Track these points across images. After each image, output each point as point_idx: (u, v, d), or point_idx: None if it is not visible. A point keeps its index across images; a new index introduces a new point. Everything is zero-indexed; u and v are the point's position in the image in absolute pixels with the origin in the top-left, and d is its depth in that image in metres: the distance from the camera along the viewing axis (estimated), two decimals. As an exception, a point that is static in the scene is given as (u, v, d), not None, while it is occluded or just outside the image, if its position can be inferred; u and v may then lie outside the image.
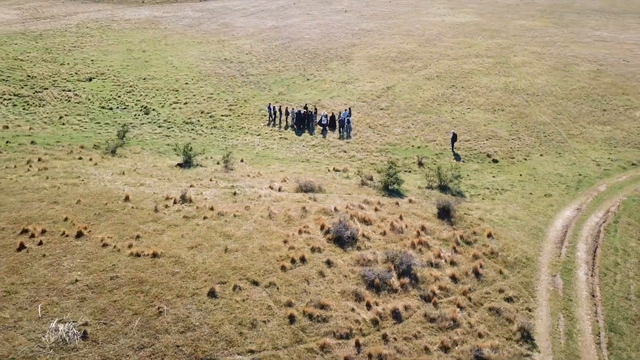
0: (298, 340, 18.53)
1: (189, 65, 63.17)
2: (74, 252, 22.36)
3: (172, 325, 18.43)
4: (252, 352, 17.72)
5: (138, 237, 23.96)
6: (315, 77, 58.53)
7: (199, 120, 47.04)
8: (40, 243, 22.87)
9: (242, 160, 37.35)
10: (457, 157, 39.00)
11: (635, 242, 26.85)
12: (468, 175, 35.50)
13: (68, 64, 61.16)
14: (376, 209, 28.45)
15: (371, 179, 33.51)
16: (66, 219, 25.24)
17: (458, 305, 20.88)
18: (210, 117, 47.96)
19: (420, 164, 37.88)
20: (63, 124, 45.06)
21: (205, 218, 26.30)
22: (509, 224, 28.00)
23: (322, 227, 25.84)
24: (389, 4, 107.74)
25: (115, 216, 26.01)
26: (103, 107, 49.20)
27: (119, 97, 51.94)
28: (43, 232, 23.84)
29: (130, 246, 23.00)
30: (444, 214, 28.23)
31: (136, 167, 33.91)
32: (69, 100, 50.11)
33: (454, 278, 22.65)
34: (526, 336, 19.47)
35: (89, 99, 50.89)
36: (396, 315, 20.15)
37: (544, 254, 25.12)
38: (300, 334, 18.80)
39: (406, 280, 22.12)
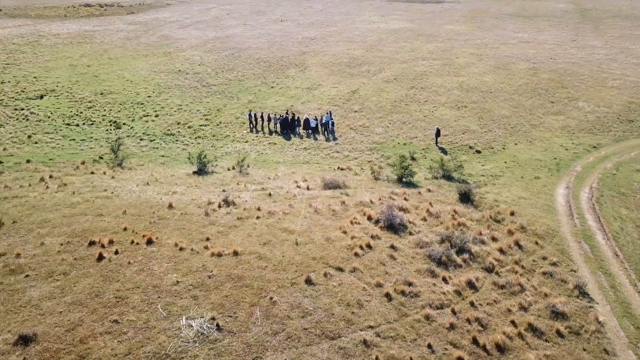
0: (403, 314, 20.42)
1: (143, 78, 62.43)
2: (156, 258, 22.72)
3: (290, 312, 19.65)
4: (371, 327, 19.38)
5: (208, 239, 24.65)
6: (278, 85, 60.06)
7: (179, 132, 47.09)
8: (117, 252, 22.97)
9: (248, 166, 38.29)
10: (443, 151, 42.32)
11: (625, 210, 31.28)
12: (461, 165, 38.83)
13: (9, 82, 58.50)
14: (405, 199, 30.86)
15: (379, 174, 35.85)
16: (125, 229, 25.32)
17: (516, 273, 23.71)
18: (189, 127, 48.14)
19: (413, 158, 40.71)
20: (36, 142, 43.49)
21: (258, 218, 27.36)
22: (520, 203, 31.49)
23: (369, 218, 27.80)
24: (321, 12, 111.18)
25: (171, 223, 26.40)
26: (68, 124, 47.87)
27: (81, 113, 50.69)
28: (111, 242, 23.87)
29: (206, 247, 23.70)
30: (465, 198, 31.19)
31: (155, 177, 33.95)
32: (27, 119, 48.27)
33: (501, 251, 25.50)
34: (582, 292, 22.63)
35: (49, 117, 49.30)
36: (472, 286, 22.60)
37: (562, 226, 28.74)
38: (402, 309, 20.71)
39: (465, 256, 24.66)
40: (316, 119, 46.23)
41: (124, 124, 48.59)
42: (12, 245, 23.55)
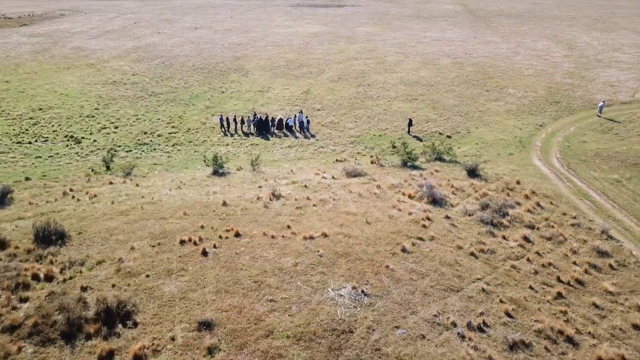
0: (494, 267, 23.72)
1: (79, 91, 60.23)
2: (257, 247, 23.84)
3: (410, 275, 22.08)
4: (479, 279, 22.44)
5: (288, 226, 26.11)
6: (229, 89, 60.92)
7: (152, 140, 46.64)
8: (215, 246, 23.73)
9: (252, 165, 39.42)
10: (418, 139, 46.45)
11: (595, 172, 37.40)
12: (451, 148, 43.08)
13: None
14: (425, 179, 34.31)
15: (381, 161, 38.96)
16: (203, 227, 25.95)
17: (552, 227, 28.11)
18: (159, 136, 47.80)
19: (394, 147, 44.38)
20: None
21: (315, 205, 29.17)
22: (516, 174, 36.35)
23: (410, 196, 30.82)
24: (231, 19, 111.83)
25: (240, 217, 27.36)
26: (19, 143, 45.54)
27: (27, 130, 48.31)
28: (200, 239, 24.48)
29: (294, 233, 25.20)
30: (472, 174, 35.37)
31: (180, 181, 34.14)
32: (-31, 143, 45.12)
33: (529, 212, 29.80)
34: (609, 236, 27.53)
35: (-7, 136, 46.43)
36: (528, 240, 26.54)
37: (560, 188, 33.90)
38: (490, 263, 24.01)
39: (508, 218, 28.60)
40: (292, 118, 48.11)
41: (83, 137, 46.95)
42: (102, 252, 23.25)
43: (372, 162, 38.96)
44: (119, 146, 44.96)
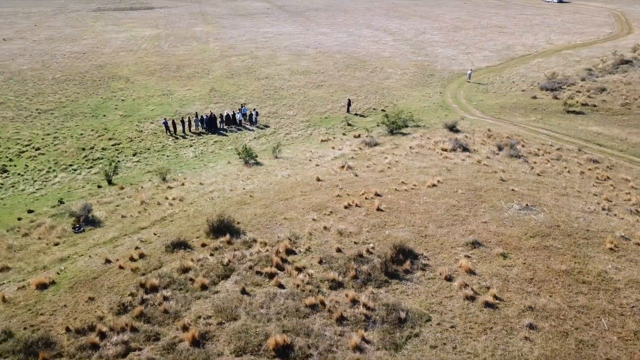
0: (539, 182, 33.02)
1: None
2: (407, 197, 28.80)
3: (532, 191, 29.85)
4: (563, 187, 31.42)
5: (403, 182, 31.47)
6: (130, 97, 59.27)
7: (104, 155, 44.58)
8: (377, 205, 28.03)
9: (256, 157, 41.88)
10: (362, 115, 53.76)
11: (519, 118, 49.90)
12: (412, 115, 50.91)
13: None
14: (428, 138, 42.13)
15: (371, 133, 45.44)
16: (339, 195, 29.64)
17: (549, 153, 38.76)
18: (104, 149, 46.15)
19: (349, 124, 51.01)
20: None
21: (389, 168, 34.67)
22: (476, 125, 46.61)
23: (443, 149, 38.35)
24: (35, 27, 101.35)
25: (350, 185, 31.50)
26: None
27: None
28: (356, 204, 28.40)
29: (415, 185, 30.82)
30: (452, 129, 44.43)
31: (234, 175, 35.59)
32: None
33: (523, 146, 40.16)
34: (584, 152, 39.33)
35: None
36: (549, 161, 36.63)
37: (518, 130, 45.17)
38: (544, 181, 33.24)
39: (520, 151, 38.38)
40: (239, 113, 50.62)
41: (5, 165, 42.92)
42: (292, 229, 25.54)
43: (358, 136, 44.78)
44: (70, 164, 42.11)
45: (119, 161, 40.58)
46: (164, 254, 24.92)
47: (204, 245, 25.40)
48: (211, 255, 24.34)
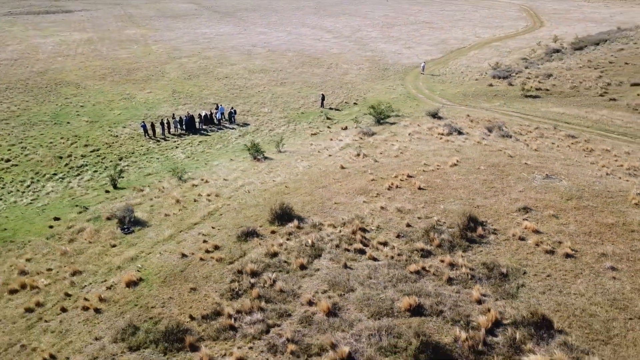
0: (540, 156, 37.33)
1: None
2: (440, 176, 31.67)
3: (538, 165, 33.75)
4: (556, 160, 35.69)
5: (425, 164, 34.38)
6: (84, 103, 57.75)
7: (87, 162, 43.61)
8: (416, 185, 30.67)
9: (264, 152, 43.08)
10: (337, 109, 56.26)
11: (485, 104, 54.62)
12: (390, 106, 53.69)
13: None
14: (418, 125, 45.38)
15: (360, 123, 48.00)
16: (373, 179, 31.97)
17: (531, 132, 43.33)
18: (83, 156, 45.25)
19: (328, 118, 53.39)
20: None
21: (401, 153, 37.41)
22: (451, 112, 50.58)
23: (441, 134, 41.70)
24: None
25: (376, 170, 33.88)
26: None
27: None
28: (396, 186, 30.84)
29: (438, 166, 33.74)
30: (434, 116, 48.07)
31: (244, 170, 36.71)
32: None
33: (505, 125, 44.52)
34: (551, 126, 44.40)
35: None
36: (536, 139, 41.07)
37: (492, 114, 49.61)
38: (545, 156, 37.55)
39: (507, 131, 42.56)
40: (222, 113, 51.35)
41: None
42: (351, 211, 27.45)
43: (346, 128, 47.09)
44: (54, 173, 41.21)
45: (125, 165, 40.07)
46: (236, 243, 25.76)
47: (273, 232, 26.52)
48: (288, 239, 25.54)
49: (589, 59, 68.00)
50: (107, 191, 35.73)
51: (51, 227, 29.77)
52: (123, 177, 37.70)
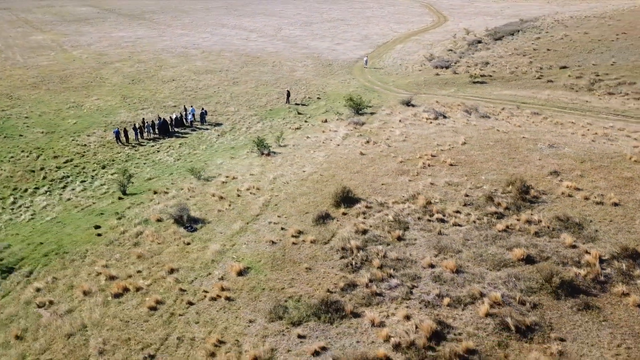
0: (527, 130, 42.80)
1: None
2: (461, 152, 35.60)
3: (530, 140, 38.82)
4: (548, 134, 41.17)
5: (438, 144, 38.03)
6: (29, 114, 55.60)
7: (67, 172, 42.77)
8: (452, 165, 34.38)
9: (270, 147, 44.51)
10: (303, 105, 58.71)
11: (442, 91, 59.84)
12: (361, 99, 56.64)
13: None
14: (399, 113, 49.21)
15: (341, 115, 50.84)
16: (402, 161, 35.15)
17: (505, 110, 48.79)
18: (58, 168, 44.07)
19: (299, 113, 55.81)
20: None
21: (408, 137, 40.97)
22: (419, 100, 55.09)
23: (427, 119, 45.78)
24: None
25: (397, 152, 37.13)
26: None
27: None
28: (430, 165, 34.35)
29: (450, 146, 37.67)
30: (408, 104, 52.27)
31: (262, 165, 38.33)
32: None
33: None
34: (518, 106, 50.36)
35: None
36: (508, 118, 46.49)
37: (456, 100, 54.69)
38: (526, 129, 42.99)
39: (484, 114, 47.66)
40: (193, 114, 51.82)
41: None
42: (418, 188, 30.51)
43: (325, 120, 49.73)
44: (35, 187, 40.04)
45: (113, 173, 39.54)
46: (316, 227, 27.50)
47: (344, 214, 28.55)
48: (365, 218, 27.75)
49: (514, 47, 76.12)
50: (120, 198, 35.36)
51: (99, 235, 29.35)
52: (133, 183, 37.35)
